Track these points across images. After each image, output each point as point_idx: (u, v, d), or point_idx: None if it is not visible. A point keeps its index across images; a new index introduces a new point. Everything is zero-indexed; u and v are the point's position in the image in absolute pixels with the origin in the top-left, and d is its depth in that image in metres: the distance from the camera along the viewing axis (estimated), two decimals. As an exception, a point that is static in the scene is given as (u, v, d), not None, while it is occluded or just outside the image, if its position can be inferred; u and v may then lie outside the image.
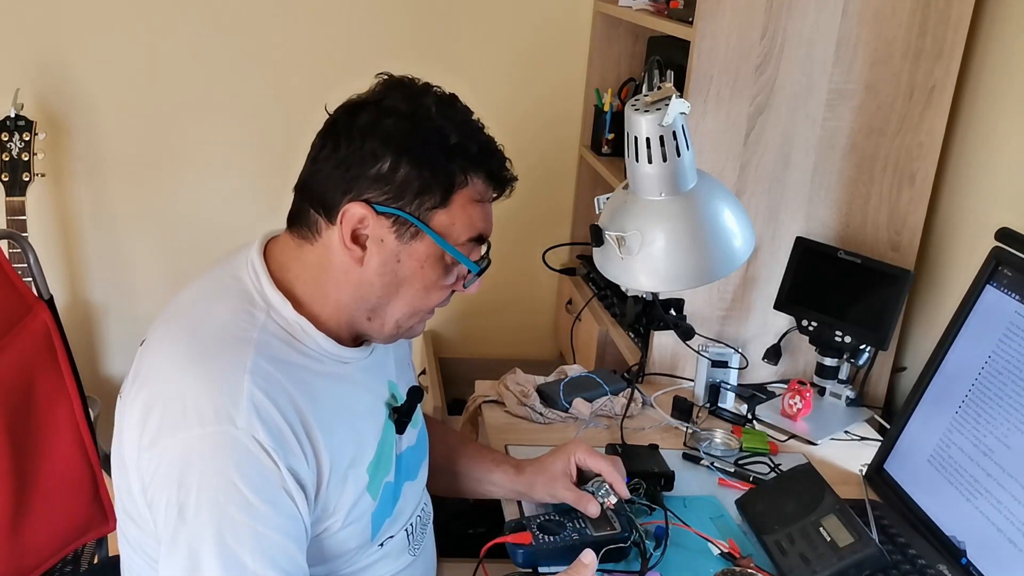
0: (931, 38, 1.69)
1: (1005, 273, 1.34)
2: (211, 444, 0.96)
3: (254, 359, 1.00)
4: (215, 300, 1.08)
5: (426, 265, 1.09)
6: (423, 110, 1.07)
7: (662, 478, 1.39)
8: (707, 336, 1.82)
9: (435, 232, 1.07)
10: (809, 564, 1.19)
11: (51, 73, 2.40)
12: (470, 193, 1.09)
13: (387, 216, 1.05)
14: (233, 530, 0.95)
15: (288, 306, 1.08)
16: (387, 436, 1.17)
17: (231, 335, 1.03)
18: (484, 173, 1.11)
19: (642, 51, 2.42)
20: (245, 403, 0.97)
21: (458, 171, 1.07)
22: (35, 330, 1.35)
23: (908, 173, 1.77)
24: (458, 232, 1.09)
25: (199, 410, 0.97)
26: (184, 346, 1.03)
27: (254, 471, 0.96)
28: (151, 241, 2.56)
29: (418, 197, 1.06)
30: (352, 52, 2.47)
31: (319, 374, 1.08)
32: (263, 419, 0.97)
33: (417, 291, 1.10)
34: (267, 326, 1.06)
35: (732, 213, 1.26)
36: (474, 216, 1.10)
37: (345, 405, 1.10)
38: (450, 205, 1.07)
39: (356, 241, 1.07)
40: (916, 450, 1.41)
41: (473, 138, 1.10)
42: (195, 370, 1.00)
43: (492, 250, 1.17)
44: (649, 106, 1.20)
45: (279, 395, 1.00)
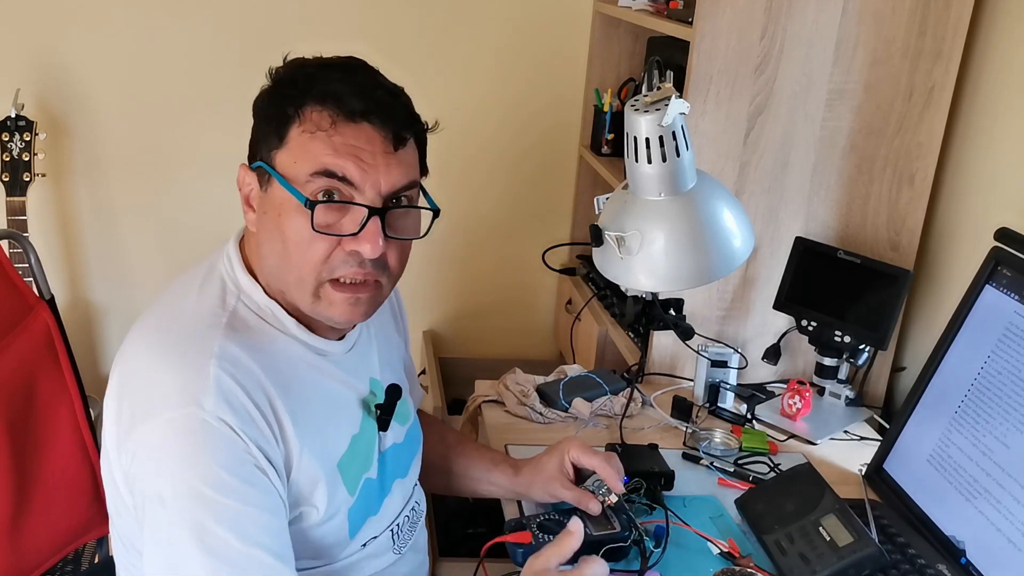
0: (931, 38, 1.70)
1: (1004, 273, 1.34)
2: (181, 428, 0.97)
3: (221, 344, 1.01)
4: (189, 291, 1.10)
5: (283, 212, 1.05)
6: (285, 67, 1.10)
7: (662, 478, 1.39)
8: (707, 336, 1.82)
9: (276, 171, 1.05)
10: (809, 564, 1.19)
11: (51, 73, 2.40)
12: (306, 126, 1.04)
13: (255, 170, 1.08)
14: (212, 512, 0.96)
15: (259, 290, 1.09)
16: (365, 432, 1.16)
17: (200, 323, 1.04)
18: (321, 106, 1.04)
19: (642, 51, 2.42)
20: (212, 386, 0.98)
21: (288, 106, 1.05)
22: (36, 330, 1.35)
23: (908, 173, 1.77)
24: (299, 168, 1.04)
25: (166, 396, 0.98)
26: (154, 336, 1.05)
27: (226, 451, 0.97)
28: (151, 241, 2.56)
29: (262, 144, 1.07)
30: (352, 53, 2.47)
31: (290, 360, 1.08)
32: (230, 402, 0.98)
33: (289, 244, 1.05)
34: (237, 310, 1.07)
35: (732, 213, 1.26)
36: (313, 148, 1.03)
37: (317, 395, 1.10)
38: (287, 142, 1.05)
39: (248, 205, 1.10)
40: (915, 450, 1.41)
41: (305, 71, 1.07)
42: (163, 358, 1.01)
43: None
44: (649, 106, 1.20)
45: (247, 379, 1.01)
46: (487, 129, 2.57)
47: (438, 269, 2.67)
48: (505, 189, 2.63)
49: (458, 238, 2.63)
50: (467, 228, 2.63)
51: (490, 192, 2.63)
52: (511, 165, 2.62)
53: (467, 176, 2.59)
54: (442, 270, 2.68)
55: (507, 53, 2.53)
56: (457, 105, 2.54)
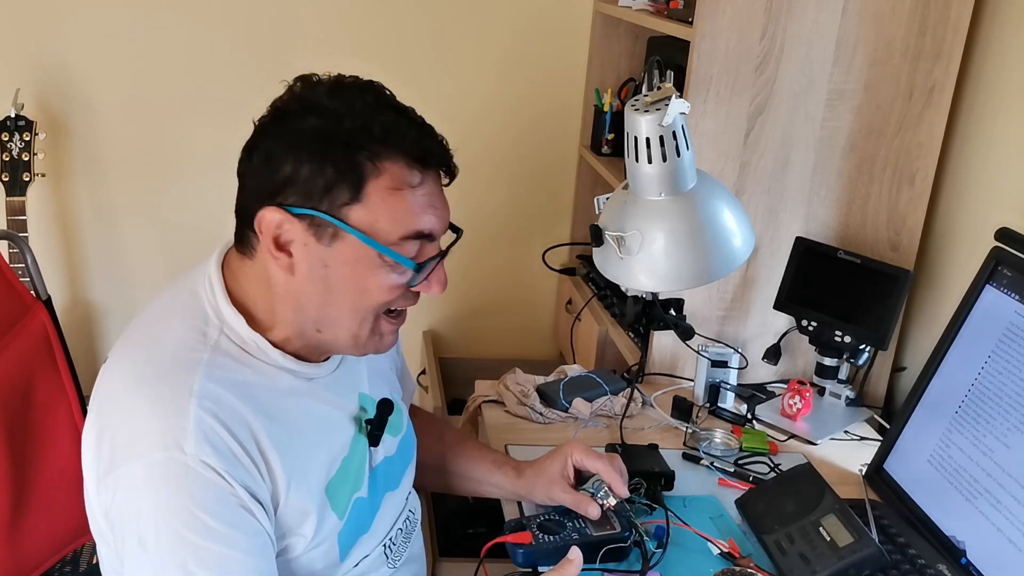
0: (931, 38, 1.70)
1: (1005, 273, 1.34)
2: (161, 473, 0.94)
3: (201, 382, 0.97)
4: (169, 319, 1.05)
5: (357, 267, 1.01)
6: (314, 101, 1.02)
7: (662, 478, 1.39)
8: (707, 336, 1.82)
9: (356, 229, 0.99)
10: (809, 564, 1.19)
11: (51, 73, 2.40)
12: (386, 182, 0.99)
13: (302, 218, 0.99)
14: (196, 557, 0.93)
15: (242, 322, 1.04)
16: (355, 451, 1.14)
17: (180, 357, 1.00)
18: (400, 155, 1.00)
19: (642, 51, 2.42)
20: (192, 428, 0.94)
21: (363, 159, 0.98)
22: (33, 331, 1.35)
23: (908, 173, 1.77)
24: (386, 228, 1.00)
25: (146, 438, 0.95)
26: (134, 370, 1.01)
27: (209, 495, 0.94)
28: (151, 241, 2.56)
29: (327, 194, 0.99)
30: (352, 54, 2.47)
31: (276, 392, 1.05)
32: (212, 443, 0.95)
33: (355, 295, 1.03)
34: (220, 344, 1.03)
35: (732, 213, 1.26)
36: (399, 208, 1.00)
37: (305, 423, 1.07)
38: (366, 199, 0.99)
39: (281, 249, 1.01)
40: (916, 450, 1.41)
41: (374, 118, 1.00)
42: (141, 396, 0.97)
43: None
44: (649, 106, 1.20)
45: (229, 416, 0.97)
46: (487, 129, 2.57)
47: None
48: (505, 189, 2.63)
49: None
50: (467, 228, 2.61)
51: (490, 192, 2.63)
52: (511, 165, 2.62)
53: (467, 176, 2.56)
54: (442, 270, 2.68)
55: (507, 53, 2.53)
56: (457, 105, 2.53)
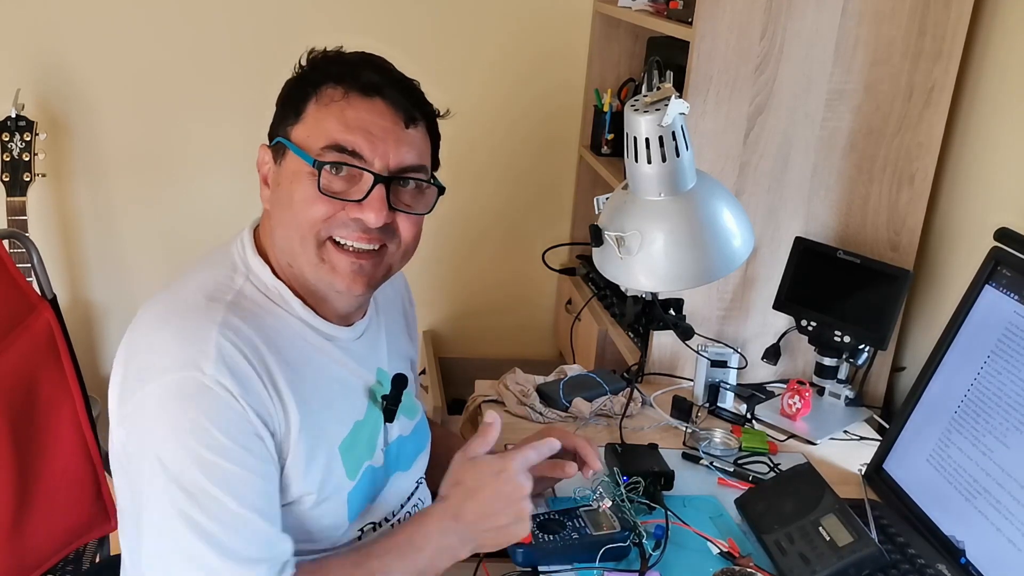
0: (930, 38, 1.70)
1: (1004, 273, 1.34)
2: (178, 390, 0.98)
3: (225, 316, 1.04)
4: (201, 270, 1.13)
5: (293, 181, 1.09)
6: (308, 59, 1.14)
7: (662, 477, 1.39)
8: (706, 336, 1.82)
9: (292, 143, 1.09)
10: (808, 563, 1.19)
11: (52, 73, 2.41)
12: (321, 101, 1.10)
13: (272, 148, 1.13)
14: (208, 472, 0.97)
15: (267, 271, 1.12)
16: (370, 420, 1.18)
17: (206, 296, 1.07)
18: (333, 80, 1.10)
19: (641, 51, 2.42)
20: (213, 351, 0.99)
21: (308, 85, 1.10)
22: (38, 329, 1.36)
23: (907, 173, 1.78)
24: (313, 140, 1.09)
25: (168, 359, 1.00)
26: (163, 307, 1.07)
27: (223, 414, 0.99)
28: (151, 241, 2.56)
29: (282, 121, 1.12)
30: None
31: (295, 340, 1.10)
32: (231, 368, 1.00)
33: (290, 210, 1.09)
34: (244, 289, 1.10)
35: (731, 213, 1.26)
36: (327, 122, 1.08)
37: (321, 377, 1.12)
38: (304, 118, 1.10)
39: (266, 183, 1.14)
40: (915, 450, 1.41)
41: (332, 59, 1.13)
42: (168, 327, 1.04)
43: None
44: (648, 106, 1.20)
45: (249, 349, 1.03)
46: (487, 129, 2.57)
47: (438, 269, 2.67)
48: (505, 189, 2.64)
49: (458, 238, 2.63)
50: (467, 228, 2.64)
51: (490, 192, 2.63)
52: (511, 165, 2.63)
53: (467, 176, 2.59)
54: (442, 270, 2.68)
55: (507, 53, 2.53)
56: (457, 105, 2.52)
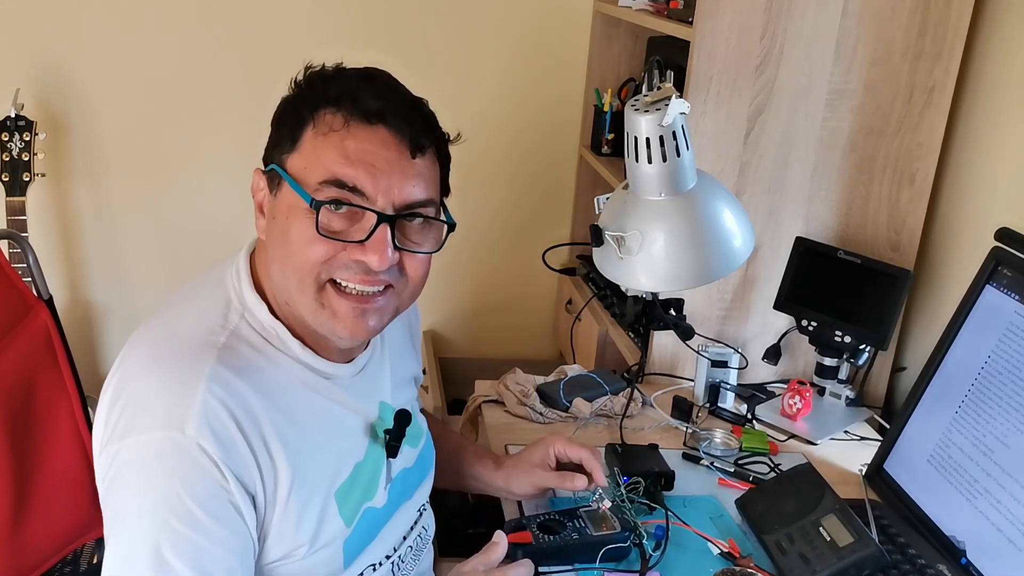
0: (931, 38, 1.70)
1: (1005, 273, 1.34)
2: (157, 450, 0.93)
3: (214, 366, 0.97)
4: (194, 301, 1.06)
5: (289, 216, 1.00)
6: (306, 75, 1.07)
7: (662, 478, 1.39)
8: (707, 336, 1.82)
9: (288, 174, 1.01)
10: (809, 564, 1.19)
11: (51, 73, 2.40)
12: (319, 128, 1.01)
13: (266, 174, 1.05)
14: (172, 541, 0.92)
15: (264, 309, 1.04)
16: (371, 460, 1.12)
17: (198, 339, 1.00)
18: (332, 104, 1.01)
19: (642, 51, 2.42)
20: (197, 410, 0.94)
21: (305, 108, 1.02)
22: (35, 330, 1.35)
23: (908, 173, 1.77)
24: (310, 173, 1.00)
25: (152, 414, 0.95)
26: (153, 347, 1.01)
27: (199, 482, 0.94)
28: (151, 241, 2.56)
29: (277, 148, 1.04)
30: (352, 52, 2.46)
31: (293, 384, 1.04)
32: (213, 427, 0.94)
33: (287, 249, 1.01)
34: (239, 330, 1.03)
35: (732, 213, 1.26)
36: (324, 152, 0.99)
37: (318, 421, 1.05)
38: (300, 146, 1.02)
39: (262, 212, 1.06)
40: (916, 450, 1.41)
41: (330, 78, 1.04)
42: (156, 373, 0.98)
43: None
44: (649, 106, 1.20)
45: (237, 404, 0.97)
46: (487, 129, 2.57)
47: (438, 269, 2.64)
48: (505, 189, 2.63)
49: (458, 238, 2.60)
50: (467, 228, 2.62)
51: (490, 192, 2.63)
52: (511, 165, 2.62)
53: (467, 176, 2.57)
54: (442, 270, 2.67)
55: (507, 53, 2.53)
56: (457, 105, 2.52)
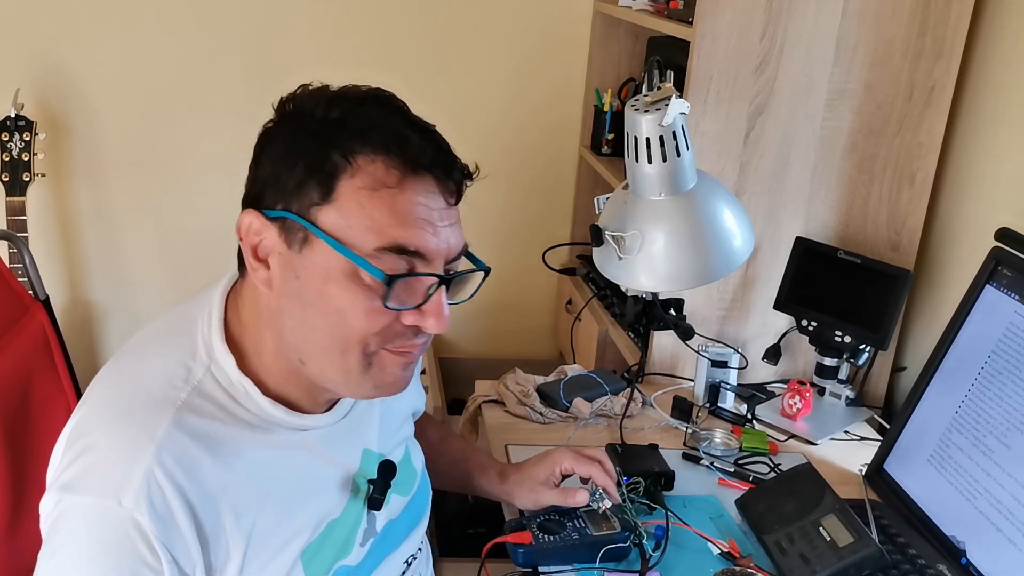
0: (931, 38, 1.69)
1: (1005, 273, 1.34)
2: (90, 517, 0.86)
3: (168, 429, 0.88)
4: (160, 347, 0.96)
5: (328, 281, 0.88)
6: (306, 99, 0.92)
7: (662, 478, 1.39)
8: (707, 336, 1.82)
9: (325, 232, 0.87)
10: (809, 564, 1.19)
11: (51, 73, 2.40)
12: (360, 181, 0.87)
13: (276, 222, 0.89)
14: None
15: (232, 363, 0.94)
16: (348, 516, 1.02)
17: (157, 394, 0.91)
18: (377, 153, 0.87)
19: (642, 51, 2.42)
20: (139, 481, 0.85)
21: (335, 153, 0.87)
22: (32, 331, 1.35)
23: (908, 173, 1.77)
24: (360, 235, 0.87)
25: (94, 475, 0.87)
26: (110, 397, 0.93)
27: (127, 558, 0.85)
28: (151, 241, 2.56)
29: (297, 193, 0.88)
30: (352, 53, 2.47)
31: (260, 445, 0.94)
32: (153, 503, 0.85)
33: (329, 316, 0.89)
34: (203, 385, 0.93)
35: (732, 213, 1.26)
36: (375, 212, 0.87)
37: (286, 480, 0.96)
38: (336, 198, 0.87)
39: (260, 259, 0.91)
40: (916, 450, 1.41)
41: (360, 113, 0.89)
42: (108, 428, 0.89)
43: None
44: (649, 106, 1.20)
45: (186, 474, 0.87)
46: (487, 129, 2.57)
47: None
48: (505, 189, 2.63)
49: (458, 238, 2.62)
50: (467, 227, 2.63)
51: (490, 192, 2.63)
52: (511, 165, 2.62)
53: (467, 176, 2.59)
54: (442, 270, 2.68)
55: (507, 53, 2.53)
56: (457, 105, 2.53)
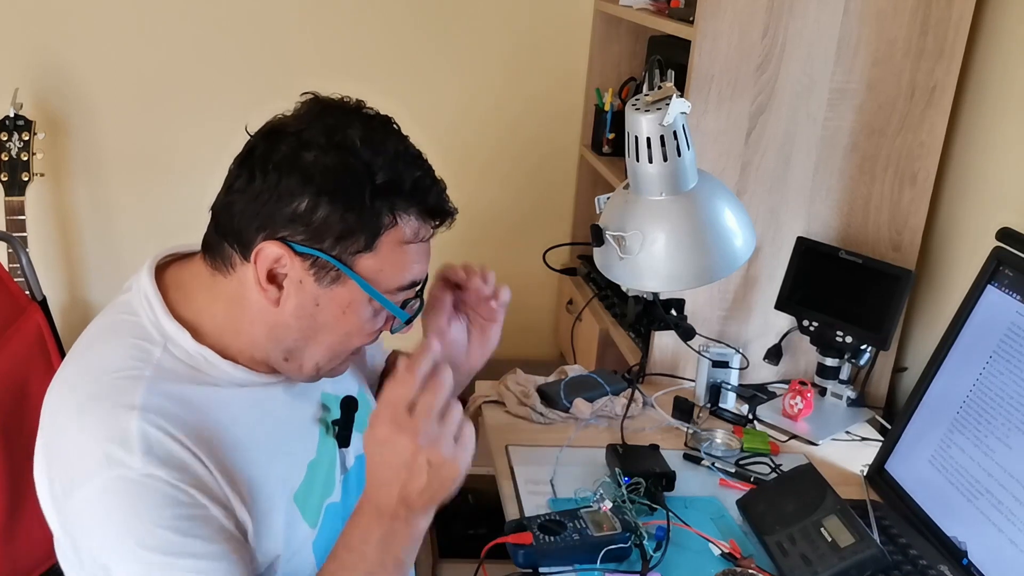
0: (932, 37, 1.69)
1: (1006, 273, 1.34)
2: (111, 493, 0.91)
3: (144, 396, 0.93)
4: (108, 340, 1.01)
5: (348, 311, 1.01)
6: (346, 142, 0.97)
7: (663, 478, 1.39)
8: (708, 336, 1.81)
9: (361, 277, 0.99)
10: (810, 565, 1.19)
11: (50, 73, 2.40)
12: (399, 234, 0.99)
13: (306, 257, 0.97)
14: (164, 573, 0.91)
15: (187, 336, 1.00)
16: (324, 455, 1.11)
17: (121, 376, 0.96)
18: (416, 210, 1.00)
19: (643, 50, 2.42)
20: (136, 441, 0.91)
21: (385, 211, 0.98)
22: (28, 332, 1.35)
23: (909, 173, 1.77)
24: (388, 278, 1.00)
25: (92, 460, 0.91)
26: (73, 393, 0.97)
27: (162, 508, 0.91)
28: (150, 241, 2.55)
29: (341, 240, 0.97)
30: (352, 53, 2.47)
31: (228, 402, 1.01)
32: (157, 454, 0.91)
33: (338, 337, 1.03)
34: (163, 361, 0.98)
35: (733, 213, 1.26)
36: (405, 260, 1.01)
37: (261, 433, 1.03)
38: (377, 249, 0.98)
39: (272, 281, 0.99)
40: (917, 451, 1.41)
41: (405, 173, 0.99)
42: (84, 418, 0.93)
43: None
44: (650, 106, 1.19)
45: (176, 426, 0.93)
46: (488, 128, 2.57)
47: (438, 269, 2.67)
48: (505, 189, 2.63)
49: (458, 238, 2.60)
50: (467, 227, 2.60)
51: (490, 191, 2.63)
52: (511, 165, 2.62)
53: (467, 175, 2.59)
54: (442, 270, 2.68)
55: (508, 52, 2.53)
56: (457, 105, 2.53)
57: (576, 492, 1.37)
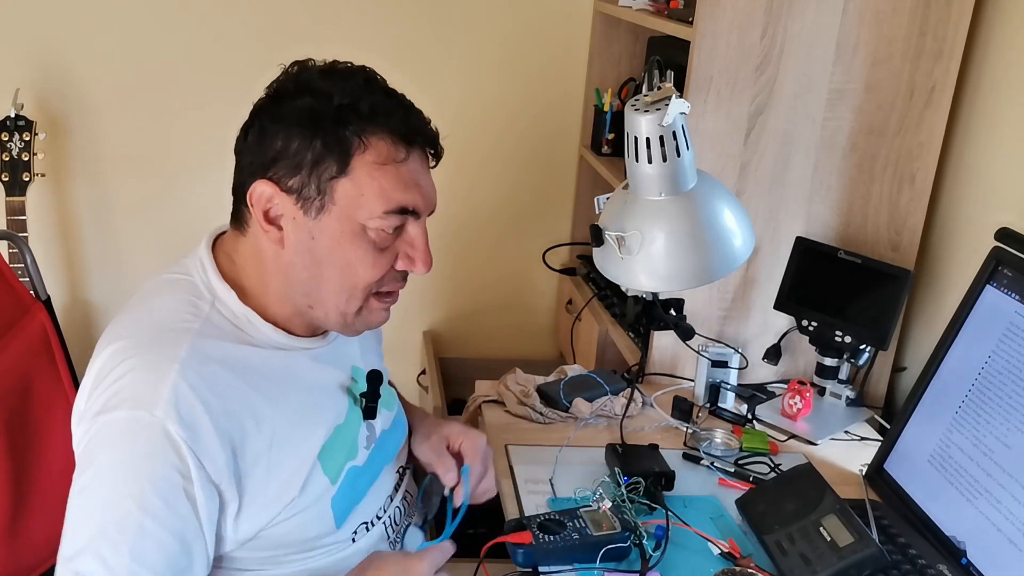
0: (931, 38, 1.69)
1: (1005, 273, 1.34)
2: (124, 428, 0.98)
3: (189, 349, 1.02)
4: (163, 294, 1.10)
5: (343, 240, 1.06)
6: (307, 79, 1.07)
7: (662, 478, 1.39)
8: (707, 336, 1.82)
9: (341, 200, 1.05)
10: (809, 564, 1.19)
11: (51, 73, 2.40)
12: (371, 156, 1.05)
13: (291, 191, 1.05)
14: (118, 519, 0.96)
15: (234, 297, 1.09)
16: (351, 421, 1.17)
17: (170, 326, 1.05)
18: (383, 132, 1.05)
19: (642, 51, 2.42)
20: (167, 392, 0.98)
21: (351, 134, 1.04)
22: (32, 331, 1.35)
23: (908, 173, 1.77)
24: (370, 202, 1.05)
25: (125, 395, 0.99)
26: (130, 334, 1.05)
27: (158, 463, 0.97)
28: (151, 241, 2.56)
29: (315, 167, 1.04)
30: (352, 52, 2.46)
31: (266, 361, 1.09)
32: (180, 411, 0.98)
33: (340, 269, 1.07)
34: (211, 317, 1.07)
35: (732, 213, 1.26)
36: (384, 183, 1.05)
37: (295, 390, 1.11)
38: (351, 173, 1.04)
39: (272, 223, 1.07)
40: (916, 450, 1.41)
41: (364, 98, 1.05)
42: (134, 357, 1.01)
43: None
44: (649, 106, 1.20)
45: (210, 384, 1.01)
46: (487, 128, 2.57)
47: (438, 269, 2.64)
48: (505, 189, 2.63)
49: (458, 238, 2.62)
50: (467, 228, 2.63)
51: (490, 192, 2.63)
52: (511, 165, 2.62)
53: (467, 176, 2.59)
54: (442, 270, 2.68)
55: (507, 53, 2.53)
56: (457, 104, 2.53)
57: (576, 491, 1.37)
